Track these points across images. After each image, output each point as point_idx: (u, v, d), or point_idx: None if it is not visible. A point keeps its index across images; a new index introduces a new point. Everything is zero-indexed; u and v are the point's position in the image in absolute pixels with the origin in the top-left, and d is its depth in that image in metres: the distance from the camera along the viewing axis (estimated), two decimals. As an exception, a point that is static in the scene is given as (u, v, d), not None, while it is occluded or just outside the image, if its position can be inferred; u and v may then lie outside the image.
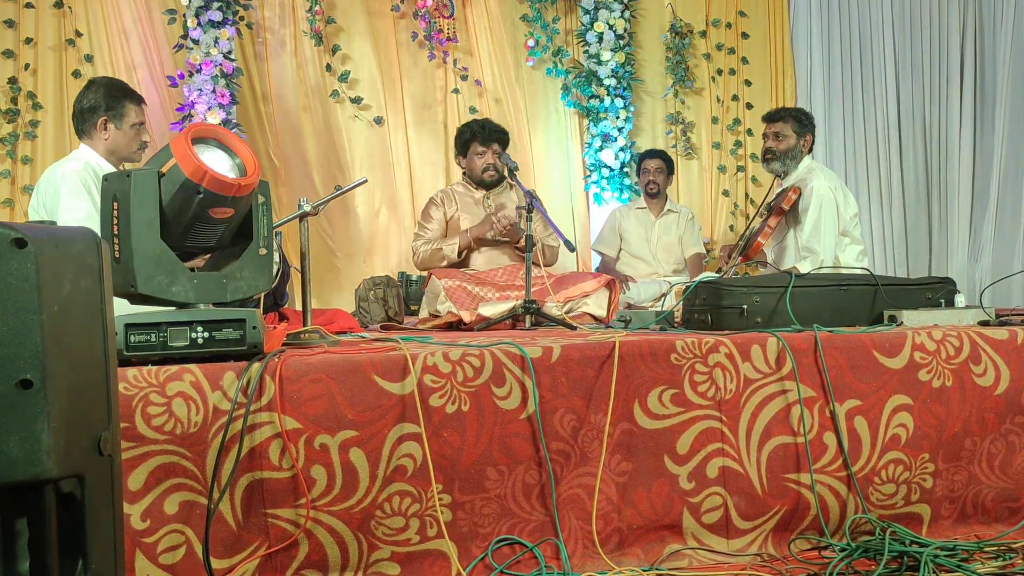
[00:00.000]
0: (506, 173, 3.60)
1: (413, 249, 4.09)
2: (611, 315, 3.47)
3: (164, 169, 1.86)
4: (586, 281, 3.59)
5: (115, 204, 1.84)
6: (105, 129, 2.94)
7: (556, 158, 5.61)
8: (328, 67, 5.18)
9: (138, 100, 3.03)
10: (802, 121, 4.01)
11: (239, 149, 1.98)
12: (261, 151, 5.07)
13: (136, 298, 1.87)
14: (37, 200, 2.89)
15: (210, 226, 1.95)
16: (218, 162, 1.94)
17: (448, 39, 5.34)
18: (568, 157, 5.62)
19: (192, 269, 1.97)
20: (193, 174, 1.84)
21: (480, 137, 3.96)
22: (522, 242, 4.06)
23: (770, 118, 4.10)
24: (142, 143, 3.02)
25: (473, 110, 5.36)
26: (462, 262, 3.98)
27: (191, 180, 1.84)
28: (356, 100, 5.23)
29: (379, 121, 5.26)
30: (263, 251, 2.03)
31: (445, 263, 3.91)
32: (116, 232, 1.84)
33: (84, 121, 2.96)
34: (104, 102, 2.94)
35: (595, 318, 3.46)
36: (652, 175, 4.97)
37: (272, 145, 5.10)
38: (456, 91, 5.41)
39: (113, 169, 2.88)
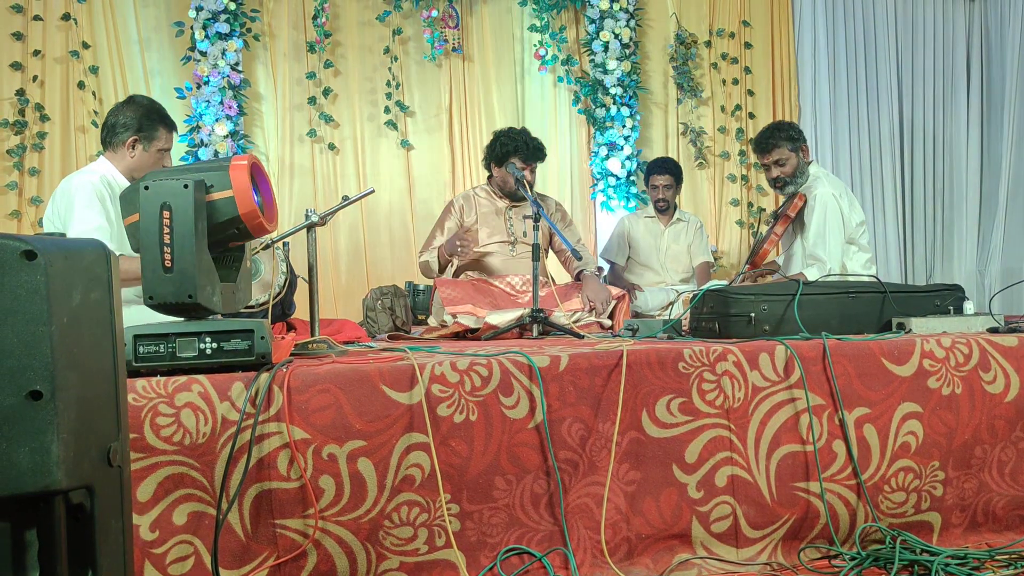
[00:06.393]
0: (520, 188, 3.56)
1: (420, 253, 4.08)
2: (619, 325, 3.47)
3: (216, 196, 1.86)
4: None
5: (166, 213, 1.80)
6: (132, 148, 2.94)
7: (562, 167, 5.61)
8: (333, 78, 5.20)
9: (172, 127, 3.02)
10: (792, 136, 3.87)
11: (268, 192, 2.02)
12: (260, 159, 5.09)
13: (170, 309, 1.84)
14: (52, 210, 2.89)
15: (219, 251, 2.00)
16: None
17: (453, 49, 5.35)
18: (574, 166, 5.62)
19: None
20: (247, 215, 1.87)
21: (523, 154, 3.82)
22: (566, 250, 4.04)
23: (762, 149, 3.94)
24: (163, 168, 3.02)
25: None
26: (482, 268, 3.93)
27: (241, 218, 1.87)
28: (380, 113, 5.25)
29: (391, 125, 5.28)
30: (248, 263, 2.11)
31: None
32: (168, 242, 1.80)
33: (114, 135, 2.95)
34: (139, 123, 2.93)
35: (603, 327, 3.47)
36: (661, 192, 4.89)
37: (275, 155, 5.12)
38: (461, 100, 5.42)
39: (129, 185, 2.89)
